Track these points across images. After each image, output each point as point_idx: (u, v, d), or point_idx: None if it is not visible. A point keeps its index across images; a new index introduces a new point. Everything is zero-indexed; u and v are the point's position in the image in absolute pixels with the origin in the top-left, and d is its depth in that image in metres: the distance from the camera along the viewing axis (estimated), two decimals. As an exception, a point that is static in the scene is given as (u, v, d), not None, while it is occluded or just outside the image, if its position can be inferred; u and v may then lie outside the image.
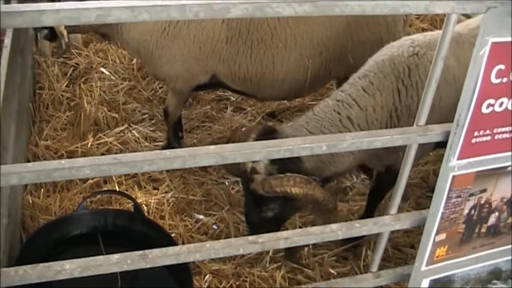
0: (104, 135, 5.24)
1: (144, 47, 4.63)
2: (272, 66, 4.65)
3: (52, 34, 4.62)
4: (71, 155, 4.98)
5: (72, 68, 6.03)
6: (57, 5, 1.70)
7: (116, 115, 5.54)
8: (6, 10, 1.67)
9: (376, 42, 4.76)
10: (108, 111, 5.54)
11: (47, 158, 4.88)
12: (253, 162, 3.63)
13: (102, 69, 6.08)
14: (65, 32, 4.45)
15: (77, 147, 5.02)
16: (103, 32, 4.72)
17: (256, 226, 3.86)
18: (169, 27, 4.51)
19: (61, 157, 4.92)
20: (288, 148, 2.17)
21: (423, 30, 7.13)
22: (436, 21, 7.39)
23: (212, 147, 2.10)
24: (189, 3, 1.76)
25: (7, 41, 4.28)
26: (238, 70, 4.68)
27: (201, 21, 4.49)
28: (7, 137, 3.93)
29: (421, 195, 4.98)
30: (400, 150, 3.81)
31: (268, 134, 3.80)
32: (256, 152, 2.14)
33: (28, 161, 4.79)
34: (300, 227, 4.32)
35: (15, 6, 1.69)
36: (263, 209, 3.75)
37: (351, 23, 4.70)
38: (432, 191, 2.69)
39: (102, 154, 5.07)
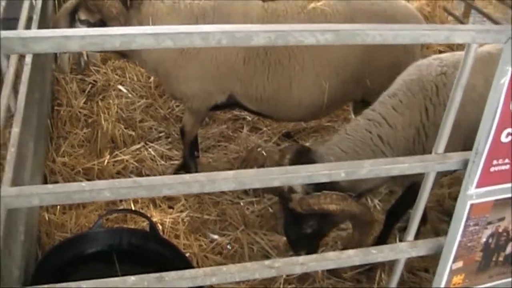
0: (120, 152, 5.26)
1: (162, 66, 4.67)
2: (289, 87, 4.67)
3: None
4: (87, 172, 5.01)
5: (90, 85, 6.09)
6: (82, 31, 1.73)
7: (133, 133, 5.57)
8: (33, 35, 1.70)
9: (394, 64, 4.77)
10: (125, 128, 5.57)
11: (63, 175, 4.91)
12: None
13: (120, 87, 6.13)
14: (84, 51, 4.50)
15: (94, 164, 5.03)
16: (122, 51, 4.75)
17: (296, 242, 3.97)
18: (187, 47, 4.54)
19: (77, 174, 4.95)
20: (307, 174, 2.17)
21: (440, 52, 7.12)
22: (453, 44, 7.37)
23: (231, 172, 2.11)
24: (212, 31, 1.78)
25: (28, 59, 4.33)
26: (255, 91, 4.70)
27: (219, 41, 4.51)
28: (26, 153, 3.96)
29: (436, 218, 4.95)
30: None
31: (303, 154, 3.86)
32: (274, 178, 2.14)
33: (45, 177, 4.83)
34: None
35: (41, 32, 1.71)
36: (302, 226, 3.82)
37: (369, 46, 4.70)
38: (448, 214, 2.69)
39: (118, 172, 5.10)
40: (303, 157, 3.79)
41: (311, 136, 5.88)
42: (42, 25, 5.08)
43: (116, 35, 1.73)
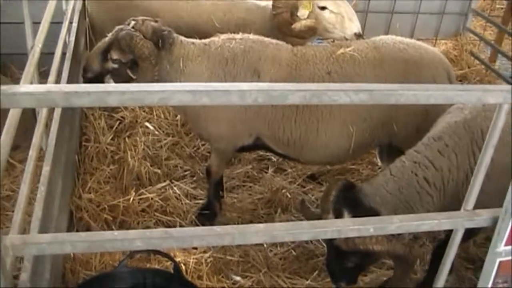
0: (146, 190, 5.29)
1: (190, 107, 4.71)
2: (316, 132, 4.69)
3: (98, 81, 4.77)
4: (112, 209, 5.04)
5: (118, 122, 6.15)
6: (123, 87, 1.77)
7: (159, 171, 5.61)
8: (75, 90, 1.74)
9: (422, 111, 4.78)
10: (151, 166, 5.62)
11: (89, 211, 4.95)
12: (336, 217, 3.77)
13: (147, 124, 6.19)
14: (115, 90, 4.57)
15: (119, 202, 5.07)
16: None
17: (336, 275, 4.03)
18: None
19: (103, 211, 4.98)
20: (336, 229, 2.18)
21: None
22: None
23: (261, 225, 2.12)
24: (248, 89, 1.81)
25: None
26: (282, 134, 4.72)
27: (248, 84, 4.55)
28: (54, 191, 4.01)
29: (461, 266, 4.89)
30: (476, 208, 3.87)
31: (349, 192, 3.93)
32: (304, 232, 2.15)
33: (71, 213, 4.87)
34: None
35: (83, 86, 1.75)
36: (344, 261, 3.87)
37: (397, 92, 4.72)
38: (473, 262, 2.67)
39: (143, 209, 5.13)
40: (349, 195, 3.87)
41: (335, 178, 5.86)
42: (74, 61, 5.18)
43: (155, 91, 1.76)
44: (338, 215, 3.78)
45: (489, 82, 7.36)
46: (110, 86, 1.77)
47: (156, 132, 6.14)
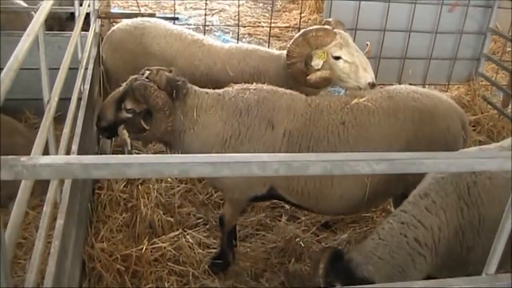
0: (158, 239, 5.25)
1: (204, 157, 4.70)
2: (331, 182, 4.66)
3: (112, 133, 4.77)
4: (125, 258, 4.99)
5: (130, 169, 6.14)
6: (143, 158, 1.75)
7: (171, 219, 5.58)
8: (94, 162, 1.73)
9: (436, 161, 4.75)
10: (164, 214, 5.58)
11: (102, 261, 4.91)
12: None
13: (159, 171, 6.17)
14: (128, 140, 4.58)
15: (132, 251, 5.03)
16: (165, 141, 4.81)
17: None
18: (230, 139, 4.59)
19: (115, 260, 4.94)
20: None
21: (480, 142, 7.11)
22: (493, 133, 7.36)
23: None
24: (269, 160, 1.80)
25: (74, 147, 4.41)
26: (296, 185, 4.69)
27: (262, 134, 4.56)
28: (68, 242, 3.98)
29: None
30: (469, 265, 3.78)
31: (337, 261, 3.77)
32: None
33: (84, 263, 4.83)
34: None
35: (102, 158, 1.74)
36: None
37: (412, 141, 4.71)
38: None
39: (156, 259, 5.09)
40: (339, 266, 3.71)
41: (349, 227, 5.82)
42: (89, 109, 5.20)
43: (175, 163, 1.75)
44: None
45: (503, 128, 7.33)
46: (130, 157, 1.75)
47: (169, 179, 6.12)
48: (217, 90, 4.78)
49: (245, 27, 10.46)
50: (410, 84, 7.66)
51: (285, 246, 5.42)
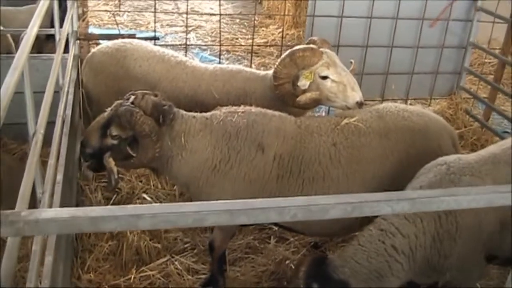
0: (146, 267, 5.12)
1: (193, 183, 4.59)
2: (324, 205, 4.58)
3: (97, 166, 4.63)
4: (113, 288, 4.87)
5: (115, 194, 6.00)
6: (155, 208, 1.65)
7: (158, 245, 5.45)
8: (101, 214, 1.62)
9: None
10: (150, 240, 5.45)
11: (89, 293, 4.77)
12: None
13: (144, 195, 6.05)
14: (115, 169, 4.44)
15: (120, 281, 4.90)
16: (153, 167, 4.69)
17: None
18: (220, 164, 4.49)
19: (103, 292, 4.81)
20: None
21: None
22: (477, 146, 7.35)
23: None
24: (287, 206, 1.70)
25: (60, 176, 4.27)
26: (289, 208, 4.60)
27: (252, 159, 4.47)
28: (56, 278, 3.84)
29: None
30: (446, 271, 3.75)
31: (318, 265, 3.82)
32: None
33: (71, 297, 4.69)
34: None
35: (111, 209, 1.63)
36: None
37: (404, 161, 4.66)
38: None
39: (145, 288, 4.97)
40: (319, 269, 3.78)
41: (339, 247, 5.73)
42: (72, 134, 5.06)
43: (189, 212, 1.65)
44: None
45: (486, 141, 7.33)
46: (139, 208, 1.64)
47: (154, 203, 5.99)
48: (204, 114, 4.68)
49: (225, 46, 10.37)
50: (393, 99, 7.76)
51: (275, 269, 5.32)
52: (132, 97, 4.49)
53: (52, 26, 5.56)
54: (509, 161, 4.01)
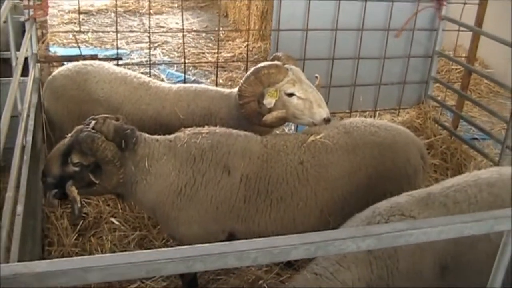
0: (116, 295, 4.99)
1: (159, 208, 4.49)
2: (293, 224, 4.52)
3: (61, 193, 4.50)
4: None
5: (82, 220, 5.84)
6: (105, 260, 1.54)
7: (128, 270, 5.30)
8: (48, 269, 1.51)
9: (398, 194, 4.64)
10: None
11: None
12: None
13: (112, 219, 5.91)
14: (78, 198, 4.31)
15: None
16: (118, 193, 4.56)
17: None
18: (185, 188, 4.39)
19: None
20: None
21: (435, 166, 7.09)
22: (447, 155, 7.33)
23: None
24: (247, 249, 1.61)
25: (20, 208, 4.12)
26: (257, 229, 4.52)
27: (218, 181, 4.38)
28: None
29: None
30: None
31: None
32: None
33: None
34: None
35: (58, 263, 1.52)
36: None
37: (373, 177, 4.62)
38: None
39: (117, 317, 4.83)
40: None
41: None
42: (33, 161, 4.92)
43: (140, 263, 1.54)
44: None
45: (456, 149, 7.31)
46: (89, 259, 1.54)
47: (122, 227, 5.85)
48: (168, 136, 4.57)
49: (191, 61, 10.27)
50: (362, 111, 7.72)
51: (248, 291, 5.22)
52: (93, 122, 4.36)
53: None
54: (446, 201, 3.78)
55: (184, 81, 7.58)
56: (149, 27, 7.50)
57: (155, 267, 1.55)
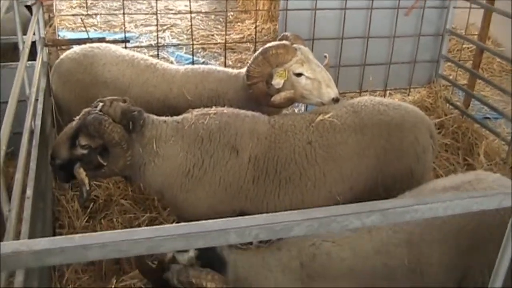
0: (127, 276, 4.99)
1: (168, 190, 4.48)
2: (302, 204, 4.49)
3: (69, 177, 4.50)
4: (93, 301, 4.74)
5: (92, 202, 5.85)
6: (105, 237, 1.53)
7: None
8: (46, 247, 1.50)
9: (407, 173, 4.66)
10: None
11: (68, 308, 4.64)
12: (177, 252, 3.49)
13: (122, 201, 5.91)
14: (86, 180, 4.31)
15: (100, 293, 4.78)
16: (126, 175, 4.56)
17: None
18: (193, 169, 4.37)
19: (83, 305, 4.68)
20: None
21: (446, 145, 7.02)
22: (458, 135, 7.27)
23: None
24: (248, 225, 1.59)
25: (29, 191, 4.13)
26: (266, 210, 4.50)
27: (226, 162, 4.36)
28: (30, 297, 3.70)
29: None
30: None
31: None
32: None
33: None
34: None
35: (57, 241, 1.51)
36: None
37: (381, 156, 4.58)
38: None
39: (126, 297, 4.84)
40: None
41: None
42: (42, 146, 4.92)
43: (142, 239, 1.53)
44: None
45: (467, 129, 7.24)
46: (89, 237, 1.52)
47: (133, 209, 5.86)
48: (175, 118, 4.55)
49: (200, 43, 10.22)
50: (372, 90, 7.66)
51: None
52: (100, 104, 4.35)
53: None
54: (371, 227, 3.64)
55: (193, 64, 7.55)
56: (156, 8, 7.46)
57: (155, 244, 1.53)
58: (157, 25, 7.94)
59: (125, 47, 6.49)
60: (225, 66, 7.75)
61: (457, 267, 3.40)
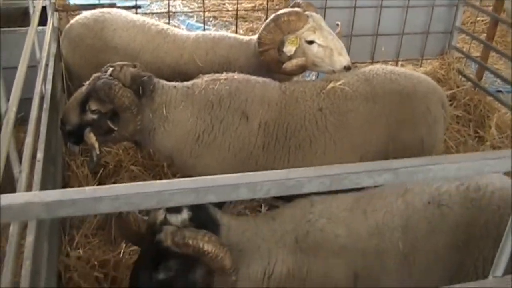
0: (136, 241, 5.01)
1: (177, 155, 4.48)
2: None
3: (79, 141, 4.52)
4: (103, 264, 4.75)
5: (102, 168, 5.86)
6: (115, 190, 1.52)
7: (147, 217, 5.33)
8: (56, 198, 1.49)
9: (418, 143, 4.63)
10: (139, 212, 5.33)
11: (78, 270, 4.66)
12: (169, 213, 3.35)
13: (132, 167, 5.92)
14: (96, 144, 4.32)
15: (110, 257, 4.79)
16: (136, 140, 4.56)
17: None
18: (203, 134, 4.37)
19: (93, 268, 4.69)
20: None
21: (457, 117, 6.97)
22: (470, 107, 7.22)
23: None
24: (260, 181, 1.58)
25: (40, 154, 4.14)
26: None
27: (236, 127, 4.35)
28: (39, 259, 3.72)
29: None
30: None
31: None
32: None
33: (60, 276, 4.57)
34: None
35: (68, 193, 1.51)
36: (158, 267, 3.34)
37: (392, 125, 4.55)
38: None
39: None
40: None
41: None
42: (53, 110, 4.92)
43: (152, 192, 1.52)
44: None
45: (479, 101, 7.19)
46: (100, 189, 1.52)
47: (143, 175, 5.87)
48: (185, 83, 4.54)
49: (211, 11, 10.14)
50: (384, 61, 7.59)
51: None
52: (110, 69, 4.35)
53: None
54: (367, 209, 3.56)
55: (204, 31, 7.50)
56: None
57: (166, 198, 1.53)
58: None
59: (136, 13, 6.45)
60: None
61: (452, 260, 3.37)
